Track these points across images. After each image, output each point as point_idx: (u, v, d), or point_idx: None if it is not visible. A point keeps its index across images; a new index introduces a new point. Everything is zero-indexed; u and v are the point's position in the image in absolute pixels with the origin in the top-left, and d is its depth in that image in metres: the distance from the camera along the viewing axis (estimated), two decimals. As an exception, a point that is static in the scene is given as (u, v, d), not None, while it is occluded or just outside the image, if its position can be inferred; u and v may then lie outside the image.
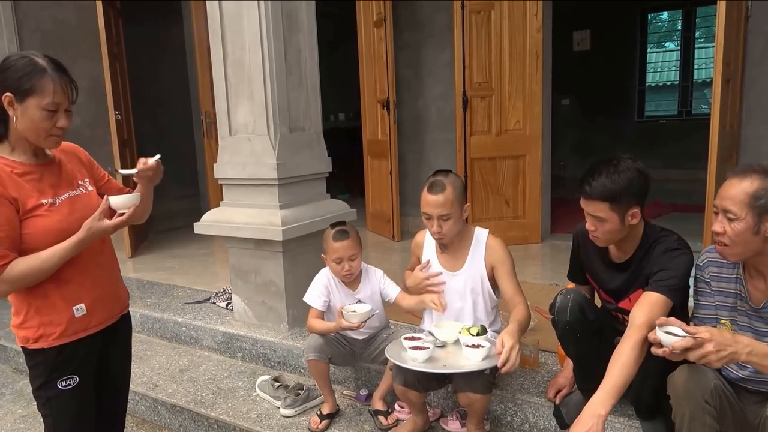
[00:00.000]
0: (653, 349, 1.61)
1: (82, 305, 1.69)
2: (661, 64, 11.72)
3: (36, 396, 1.71)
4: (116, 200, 1.65)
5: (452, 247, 2.32)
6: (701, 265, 1.83)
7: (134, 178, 1.80)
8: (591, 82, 9.20)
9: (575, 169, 9.13)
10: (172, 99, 6.66)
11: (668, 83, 11.33)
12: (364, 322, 2.27)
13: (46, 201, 1.61)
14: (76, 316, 1.68)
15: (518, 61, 4.57)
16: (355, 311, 2.27)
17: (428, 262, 2.36)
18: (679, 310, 1.86)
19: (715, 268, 1.80)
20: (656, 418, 1.99)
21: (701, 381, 1.65)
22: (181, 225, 5.79)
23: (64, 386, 1.68)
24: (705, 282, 1.82)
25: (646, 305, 1.78)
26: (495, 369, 2.01)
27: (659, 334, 1.58)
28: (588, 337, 2.01)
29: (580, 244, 2.16)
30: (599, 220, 1.86)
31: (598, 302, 2.18)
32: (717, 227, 1.65)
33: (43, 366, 1.67)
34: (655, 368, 1.79)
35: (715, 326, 1.77)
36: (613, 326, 2.09)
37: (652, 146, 9.34)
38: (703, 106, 10.61)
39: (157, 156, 1.80)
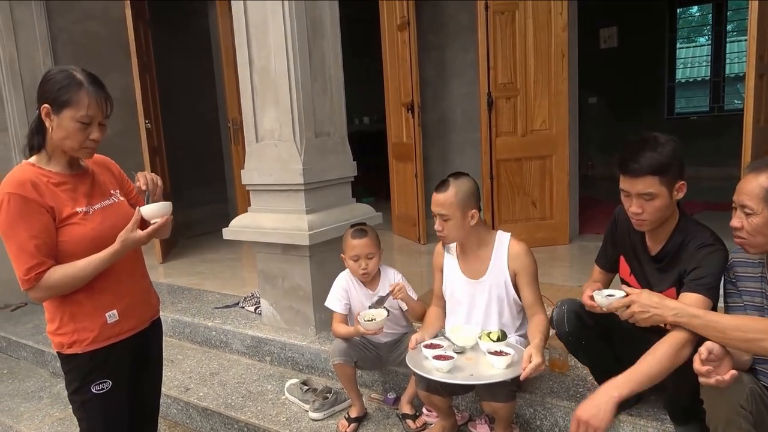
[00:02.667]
0: (588, 308, 1.89)
1: (115, 311, 1.73)
2: (692, 59, 11.47)
3: (71, 400, 1.76)
4: (148, 209, 1.69)
5: (472, 253, 2.29)
6: (728, 266, 1.79)
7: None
8: (619, 79, 9.05)
9: (603, 168, 9.00)
10: (200, 107, 6.78)
11: (699, 79, 11.07)
12: (382, 328, 2.28)
13: (80, 210, 1.66)
14: (108, 322, 1.72)
15: (543, 61, 4.52)
16: (373, 318, 2.26)
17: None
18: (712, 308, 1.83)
19: (740, 268, 1.76)
20: (691, 423, 1.94)
21: (736, 385, 1.61)
22: (210, 230, 5.90)
23: (98, 390, 1.72)
24: (732, 283, 1.78)
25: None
26: (518, 376, 1.99)
27: (597, 298, 1.83)
28: (594, 341, 1.98)
29: (619, 224, 2.08)
30: (648, 197, 1.79)
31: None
32: (735, 222, 1.64)
33: (78, 371, 1.72)
34: (691, 372, 1.76)
35: None
36: (623, 326, 1.98)
37: (683, 143, 8.96)
38: (735, 101, 10.35)
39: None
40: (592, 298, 1.89)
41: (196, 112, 6.72)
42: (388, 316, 2.30)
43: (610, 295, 1.86)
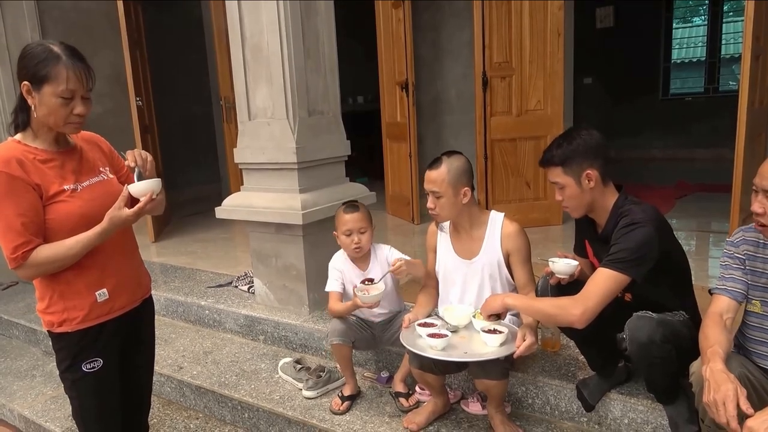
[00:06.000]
0: (552, 280, 2.06)
1: (105, 290, 1.72)
2: (687, 39, 11.40)
3: (62, 378, 1.76)
4: (136, 187, 1.66)
5: (465, 233, 2.29)
6: (735, 242, 1.80)
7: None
8: (614, 59, 9.00)
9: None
10: (192, 84, 6.70)
11: (694, 60, 11.02)
12: (379, 301, 2.29)
13: (68, 187, 1.64)
14: (98, 300, 1.71)
15: (539, 40, 4.48)
16: (368, 293, 2.27)
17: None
18: (681, 279, 1.97)
19: (751, 247, 1.76)
20: (678, 400, 1.97)
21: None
22: (203, 210, 5.87)
23: (89, 369, 1.72)
24: (738, 258, 1.77)
25: (595, 281, 1.83)
26: (511, 354, 2.00)
27: (553, 267, 2.02)
28: None
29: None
30: (559, 186, 1.95)
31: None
32: (757, 207, 1.63)
33: (68, 349, 1.71)
34: (661, 362, 1.81)
35: (741, 303, 1.76)
36: None
37: (678, 125, 9.14)
38: (730, 83, 10.32)
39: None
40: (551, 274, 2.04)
41: (188, 90, 6.64)
42: (384, 289, 2.30)
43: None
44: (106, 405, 1.79)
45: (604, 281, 1.81)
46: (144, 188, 1.66)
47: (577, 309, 1.80)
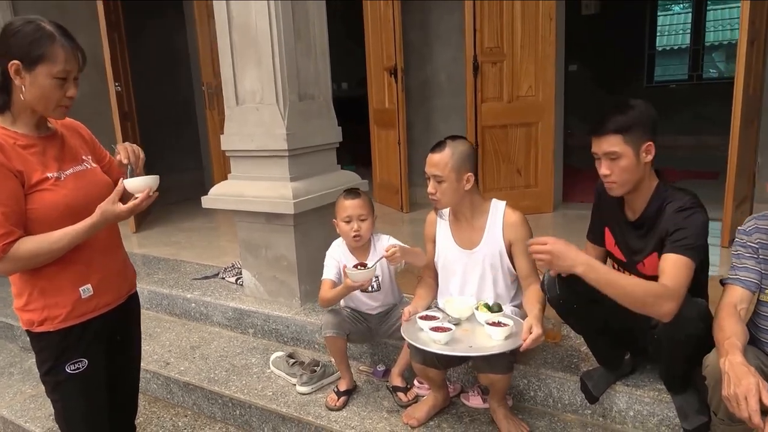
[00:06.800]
0: (551, 272, 1.83)
1: (89, 286, 1.61)
2: (672, 27, 11.43)
3: (44, 381, 1.64)
4: (133, 182, 1.54)
5: (466, 222, 2.21)
6: (747, 230, 1.74)
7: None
8: (599, 46, 8.97)
9: (583, 137, 8.98)
10: (173, 69, 6.50)
11: (678, 47, 11.05)
12: (370, 280, 2.19)
13: (51, 175, 1.52)
14: (82, 297, 1.60)
15: (531, 25, 4.40)
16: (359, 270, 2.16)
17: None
18: (699, 271, 1.80)
19: (764, 235, 1.70)
20: (687, 390, 1.92)
21: None
22: (185, 198, 5.72)
23: (73, 370, 1.61)
24: (751, 247, 1.72)
25: (675, 271, 1.70)
26: (516, 348, 1.93)
27: None
28: (586, 306, 1.93)
29: (601, 196, 2.06)
30: (614, 157, 1.79)
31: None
32: None
33: (50, 350, 1.60)
34: (686, 341, 1.73)
35: (754, 293, 1.71)
36: None
37: (662, 112, 9.07)
38: (711, 71, 10.38)
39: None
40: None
41: (168, 76, 6.44)
42: (375, 270, 2.20)
43: None
44: (92, 408, 1.68)
45: (686, 271, 1.69)
46: (141, 184, 1.54)
47: (671, 303, 1.65)
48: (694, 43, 9.62)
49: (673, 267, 1.70)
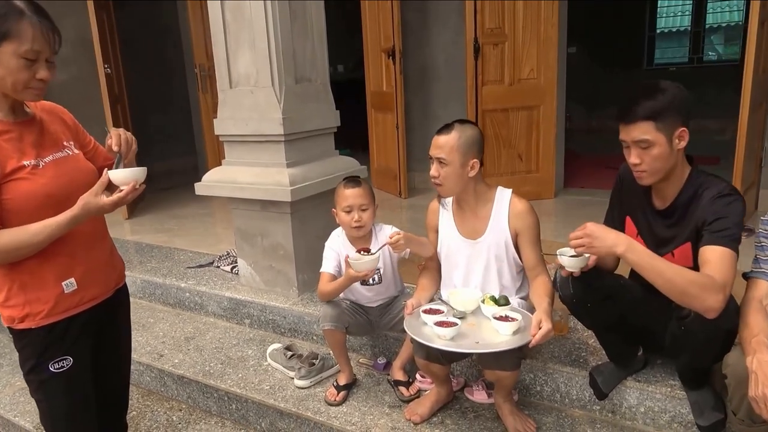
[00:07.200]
0: (563, 273, 1.78)
1: (72, 280, 1.51)
2: (673, 8, 11.26)
3: (27, 380, 1.55)
4: (118, 174, 1.43)
5: (470, 211, 2.11)
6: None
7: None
8: (599, 28, 8.83)
9: (581, 121, 8.87)
10: (164, 51, 6.34)
11: (679, 29, 10.89)
12: (373, 269, 2.08)
13: (28, 163, 1.41)
14: (65, 292, 1.50)
15: (533, 5, 4.27)
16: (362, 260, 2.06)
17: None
18: None
19: None
20: (703, 387, 1.85)
21: None
22: (178, 184, 5.60)
23: (57, 369, 1.52)
24: None
25: (721, 264, 1.57)
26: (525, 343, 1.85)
27: (565, 261, 1.72)
28: (599, 303, 1.85)
29: (624, 182, 1.94)
30: (645, 145, 1.66)
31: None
32: None
33: (32, 347, 1.50)
34: (718, 336, 1.64)
35: None
36: (630, 287, 1.89)
37: (662, 95, 9.05)
38: (710, 53, 10.24)
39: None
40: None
41: (160, 57, 6.28)
42: (380, 259, 2.12)
43: (574, 256, 1.73)
44: (79, 408, 1.60)
45: (731, 263, 1.57)
46: (127, 176, 1.43)
47: (717, 296, 1.51)
48: (695, 25, 9.47)
49: (720, 259, 1.58)
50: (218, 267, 3.43)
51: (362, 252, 2.11)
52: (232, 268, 3.31)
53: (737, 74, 3.62)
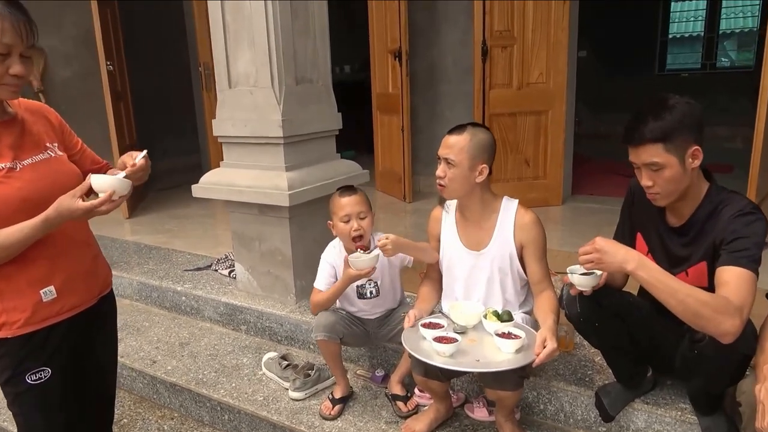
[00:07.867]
0: (572, 291, 1.70)
1: (51, 288, 1.43)
2: (686, 13, 11.11)
3: (3, 392, 1.47)
4: (98, 180, 1.33)
5: (474, 220, 2.02)
6: None
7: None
8: (610, 32, 8.69)
9: (591, 126, 8.75)
10: (169, 49, 6.28)
11: (690, 35, 10.75)
12: (375, 267, 2.00)
13: (4, 165, 1.33)
14: (44, 300, 1.42)
15: (543, 7, 4.17)
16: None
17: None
18: None
19: None
20: (716, 413, 1.76)
21: None
22: (180, 183, 5.53)
23: (35, 380, 1.44)
24: None
25: (739, 286, 1.46)
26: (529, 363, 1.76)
27: (576, 279, 1.65)
28: (607, 322, 1.76)
29: (636, 197, 1.84)
30: (656, 168, 1.56)
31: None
32: None
33: (8, 358, 1.42)
34: (734, 360, 1.55)
35: None
36: (640, 306, 1.79)
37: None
38: (723, 59, 10.09)
39: (144, 152, 1.50)
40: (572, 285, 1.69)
41: (164, 55, 6.21)
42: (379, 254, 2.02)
43: (585, 273, 1.64)
44: (57, 422, 1.52)
45: (750, 286, 1.47)
46: (106, 184, 1.33)
47: (733, 321, 1.41)
48: (708, 31, 9.32)
49: (738, 281, 1.47)
50: (216, 270, 3.36)
51: (361, 250, 2.03)
52: (229, 272, 3.24)
53: (750, 81, 3.52)
